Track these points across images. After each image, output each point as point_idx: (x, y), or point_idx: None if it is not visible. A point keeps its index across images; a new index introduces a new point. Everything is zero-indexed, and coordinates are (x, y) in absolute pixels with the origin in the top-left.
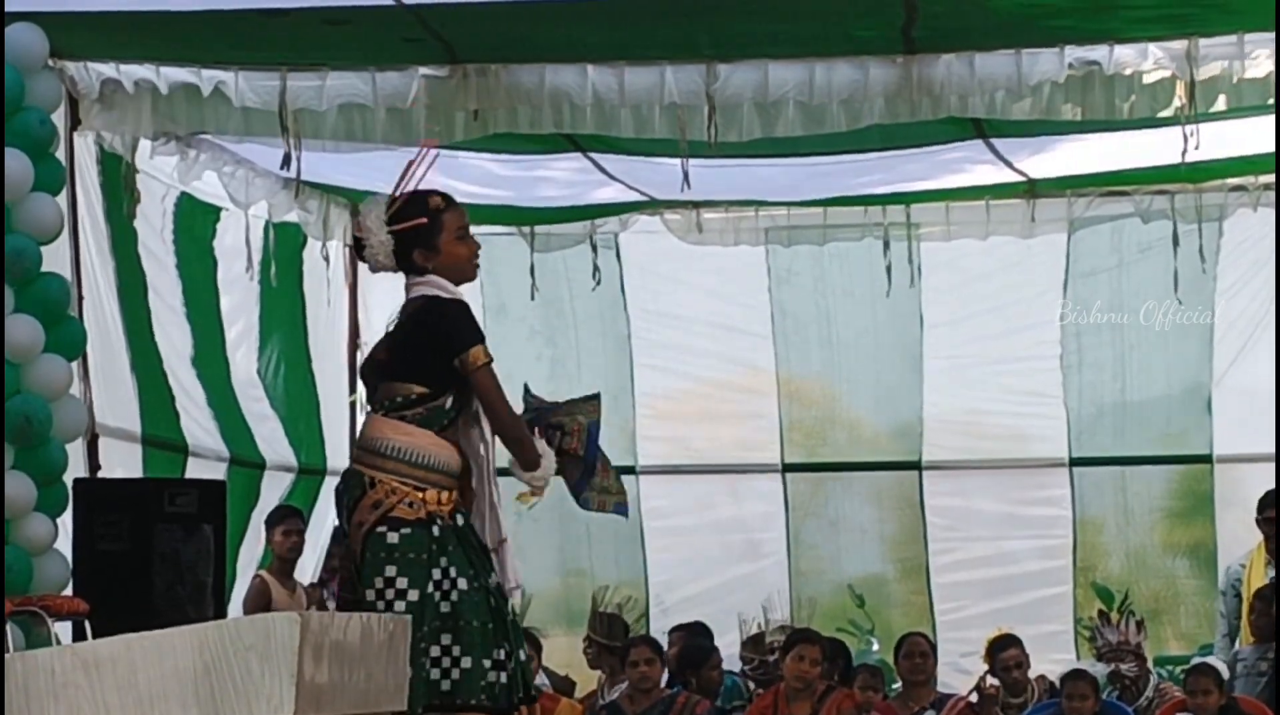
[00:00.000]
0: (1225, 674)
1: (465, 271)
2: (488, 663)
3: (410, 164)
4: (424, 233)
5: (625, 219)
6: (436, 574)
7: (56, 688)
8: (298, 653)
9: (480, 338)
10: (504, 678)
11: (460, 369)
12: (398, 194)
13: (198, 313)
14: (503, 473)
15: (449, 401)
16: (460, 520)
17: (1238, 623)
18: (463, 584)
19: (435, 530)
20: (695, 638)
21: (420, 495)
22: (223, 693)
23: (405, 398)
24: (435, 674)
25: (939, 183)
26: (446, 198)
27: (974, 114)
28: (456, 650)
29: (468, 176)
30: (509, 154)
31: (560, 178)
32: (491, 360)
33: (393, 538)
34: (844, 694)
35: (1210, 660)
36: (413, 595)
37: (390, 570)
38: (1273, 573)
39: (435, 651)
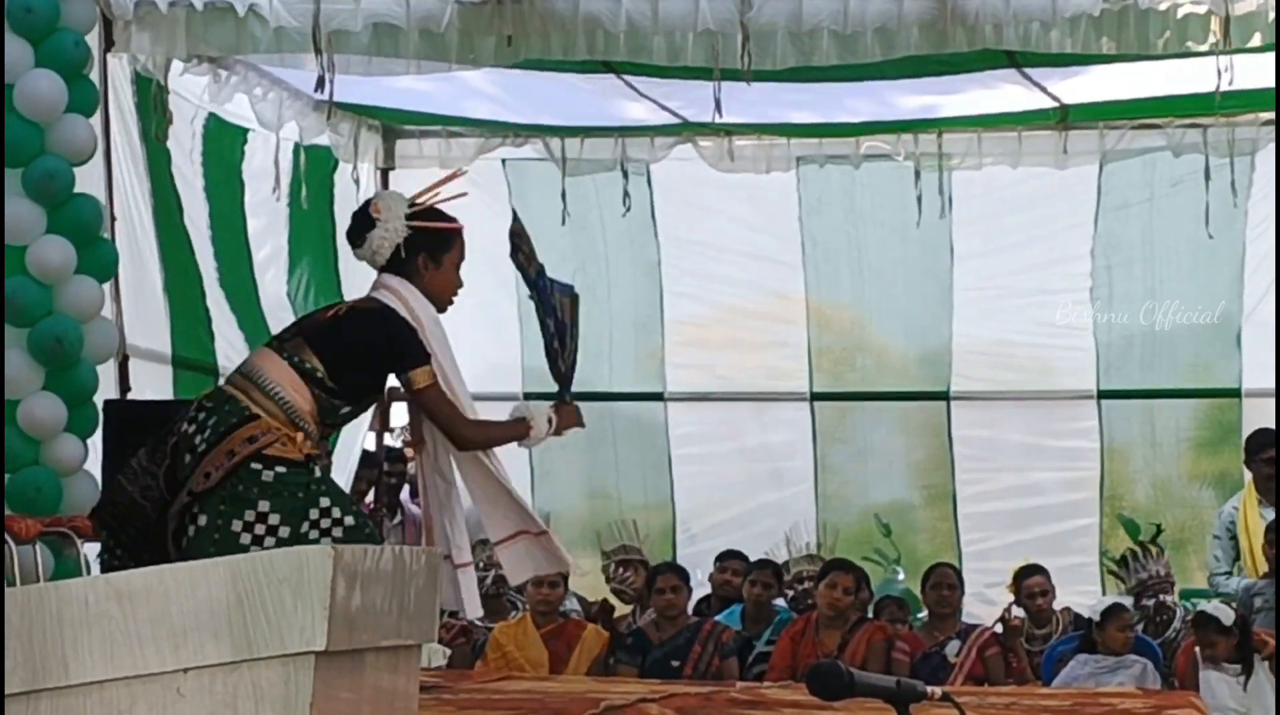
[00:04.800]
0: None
1: (445, 300)
2: None
3: (438, 182)
4: (441, 242)
5: (656, 147)
6: (314, 514)
7: (90, 618)
8: (330, 585)
9: (424, 358)
10: None
11: (405, 385)
12: (422, 200)
13: (224, 235)
14: None
15: (345, 408)
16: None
17: (1235, 565)
18: (349, 521)
19: (316, 470)
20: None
21: (294, 436)
22: (255, 624)
23: (310, 368)
24: None
25: (971, 102)
26: (461, 228)
27: (1008, 46)
28: None
29: (495, 92)
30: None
31: (592, 98)
32: (437, 382)
33: (268, 476)
34: (875, 626)
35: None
36: (285, 533)
37: (264, 505)
38: (1266, 512)
39: None
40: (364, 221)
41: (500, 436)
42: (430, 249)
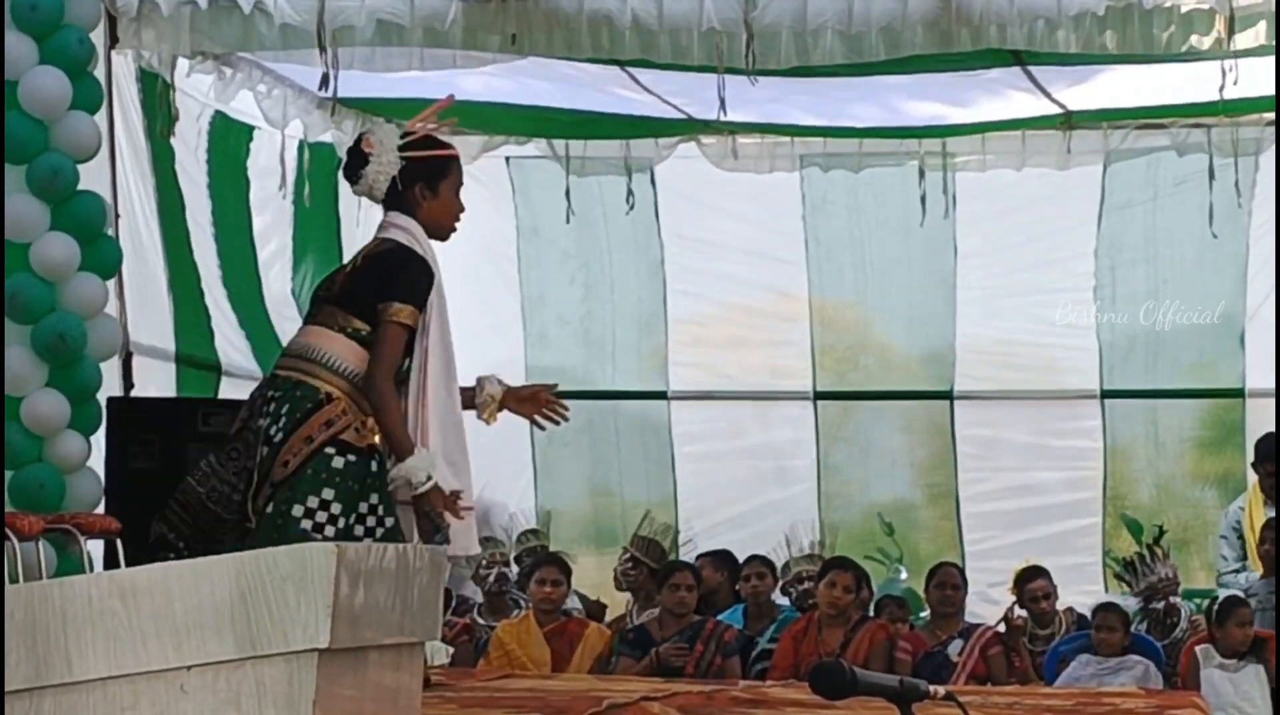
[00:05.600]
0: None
1: (446, 227)
2: None
3: (430, 110)
4: (435, 169)
5: (660, 146)
6: (363, 507)
7: (94, 615)
8: (334, 582)
9: (417, 302)
10: None
11: (379, 313)
12: (414, 128)
13: (227, 232)
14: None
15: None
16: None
17: (1243, 562)
18: (389, 522)
19: (373, 465)
20: (721, 565)
21: (366, 421)
22: (258, 621)
23: (356, 331)
24: None
25: (976, 112)
26: (456, 153)
27: (1013, 45)
28: None
29: (500, 82)
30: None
31: (597, 87)
32: (410, 326)
33: (339, 462)
34: (877, 625)
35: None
36: (341, 523)
37: (328, 493)
38: (1271, 511)
39: None
40: (357, 158)
41: (391, 424)
42: (426, 178)
